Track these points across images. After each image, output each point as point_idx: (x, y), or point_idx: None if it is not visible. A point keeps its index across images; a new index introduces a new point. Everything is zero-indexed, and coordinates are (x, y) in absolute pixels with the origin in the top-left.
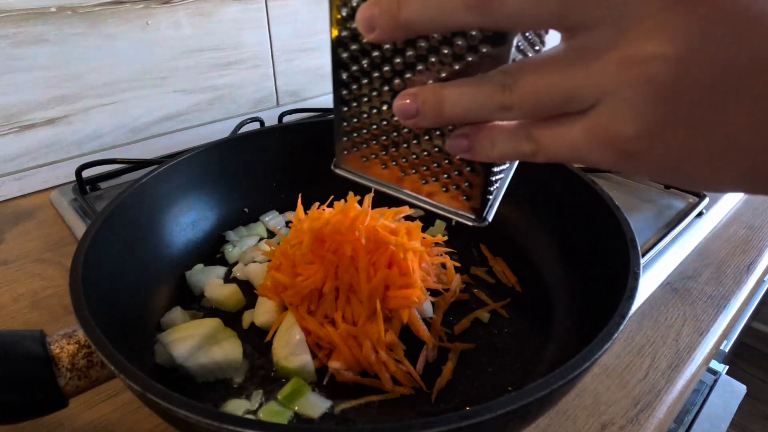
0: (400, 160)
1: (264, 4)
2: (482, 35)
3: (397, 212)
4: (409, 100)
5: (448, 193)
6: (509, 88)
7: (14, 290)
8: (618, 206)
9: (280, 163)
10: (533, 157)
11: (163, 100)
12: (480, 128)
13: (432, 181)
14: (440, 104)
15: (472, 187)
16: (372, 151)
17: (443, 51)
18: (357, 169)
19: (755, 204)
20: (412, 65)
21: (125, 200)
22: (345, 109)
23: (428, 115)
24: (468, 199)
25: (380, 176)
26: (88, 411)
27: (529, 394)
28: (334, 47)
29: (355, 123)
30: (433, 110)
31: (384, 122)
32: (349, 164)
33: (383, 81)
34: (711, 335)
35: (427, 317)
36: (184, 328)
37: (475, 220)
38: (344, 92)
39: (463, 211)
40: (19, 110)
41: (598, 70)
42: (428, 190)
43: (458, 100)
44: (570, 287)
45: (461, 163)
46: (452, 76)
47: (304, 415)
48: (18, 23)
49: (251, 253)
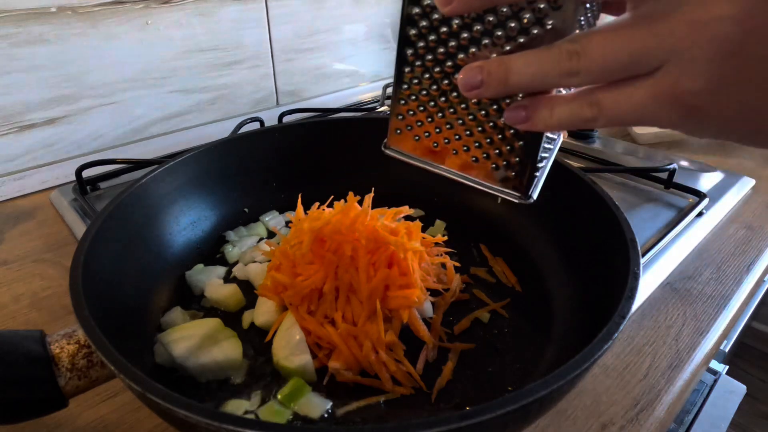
0: (452, 138)
1: (264, 4)
2: (549, 6)
3: (397, 212)
4: (474, 71)
5: (497, 171)
6: (577, 55)
7: (14, 290)
8: (618, 206)
9: (280, 163)
10: (594, 122)
11: (163, 100)
12: (538, 98)
13: (482, 158)
14: (506, 74)
15: (521, 165)
16: (425, 129)
17: (509, 25)
18: (407, 150)
19: (755, 204)
20: (476, 40)
21: (125, 200)
22: (405, 87)
23: (492, 85)
24: (515, 177)
25: (429, 156)
26: (88, 411)
27: (529, 394)
28: (403, 24)
29: (412, 101)
30: (498, 80)
31: (442, 99)
32: (399, 145)
33: (446, 57)
34: (711, 335)
35: (427, 317)
36: (184, 328)
37: (521, 197)
38: (406, 69)
39: (510, 189)
40: (19, 110)
41: (666, 32)
42: (477, 169)
43: (524, 68)
44: (570, 287)
45: (513, 139)
46: (515, 49)
47: (304, 415)
48: (18, 23)
49: (251, 253)
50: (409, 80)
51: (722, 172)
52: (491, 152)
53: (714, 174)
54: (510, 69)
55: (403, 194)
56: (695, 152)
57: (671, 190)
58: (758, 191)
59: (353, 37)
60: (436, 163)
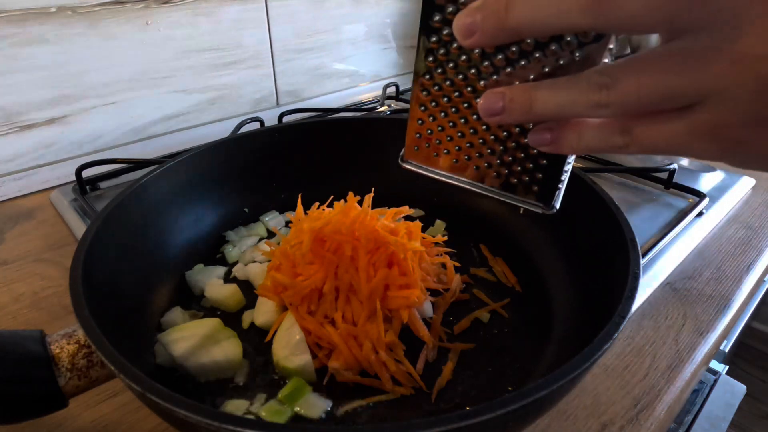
0: (474, 155)
1: (264, 4)
2: (578, 40)
3: (397, 212)
4: (495, 98)
5: (521, 184)
6: (606, 88)
7: (14, 290)
8: (618, 206)
9: (280, 163)
10: (625, 149)
11: (163, 100)
12: (566, 123)
13: (505, 174)
14: (530, 102)
15: (544, 177)
16: (445, 147)
17: (534, 55)
18: (425, 164)
19: (755, 204)
20: (498, 68)
21: (125, 200)
22: (422, 109)
23: (515, 112)
24: (538, 188)
25: (450, 170)
26: (88, 411)
27: (529, 394)
28: (420, 55)
29: (430, 121)
30: (521, 108)
31: (462, 120)
32: (417, 158)
33: (466, 82)
34: (711, 335)
35: (427, 317)
36: (184, 328)
37: (544, 208)
38: (423, 93)
39: (533, 200)
40: (19, 110)
41: (706, 70)
42: (499, 181)
43: (550, 98)
44: (570, 287)
45: (537, 156)
46: (539, 77)
47: (304, 415)
48: (18, 23)
49: (251, 253)
50: (427, 102)
51: (722, 172)
52: (515, 169)
53: (714, 174)
54: (535, 98)
55: (403, 194)
56: None
57: (671, 190)
58: (758, 191)
59: (353, 37)
60: (455, 176)
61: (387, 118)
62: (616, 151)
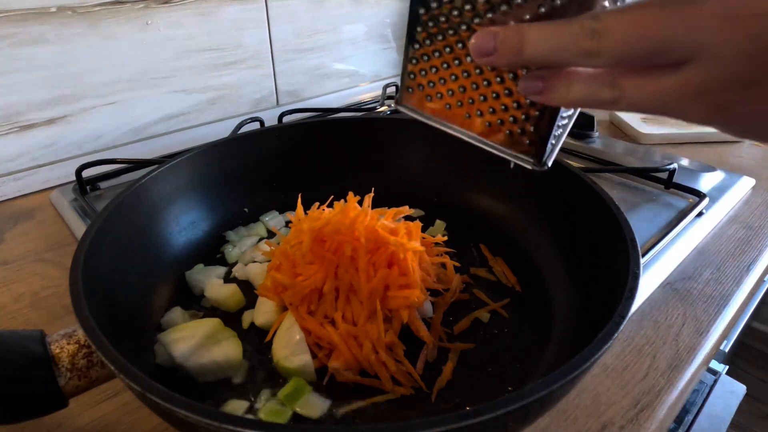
0: (466, 101)
1: (264, 4)
2: None
3: (397, 212)
4: (487, 37)
5: (512, 136)
6: (598, 35)
7: (14, 290)
8: (618, 206)
9: (280, 163)
10: (613, 105)
11: (163, 100)
12: (558, 71)
13: (496, 123)
14: (520, 44)
15: (537, 131)
16: (438, 90)
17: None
18: (420, 108)
19: (755, 204)
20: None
21: (125, 200)
22: (416, 47)
23: (505, 54)
24: (530, 143)
25: (442, 116)
26: (88, 411)
27: (529, 394)
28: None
29: (425, 61)
30: (511, 49)
31: (456, 62)
32: (412, 102)
33: (461, 20)
34: (711, 335)
35: (427, 317)
36: (184, 328)
37: (535, 164)
38: (418, 29)
39: (524, 154)
40: (19, 110)
41: (698, 23)
42: (491, 132)
43: (541, 41)
44: (570, 287)
45: (529, 106)
46: (535, 18)
47: (304, 415)
48: (18, 23)
49: (251, 253)
50: (422, 39)
51: (722, 172)
52: (506, 118)
53: (714, 174)
54: (525, 40)
55: (403, 194)
56: (695, 152)
57: (671, 190)
58: (758, 191)
59: (353, 37)
60: (450, 124)
61: (387, 118)
62: (605, 107)
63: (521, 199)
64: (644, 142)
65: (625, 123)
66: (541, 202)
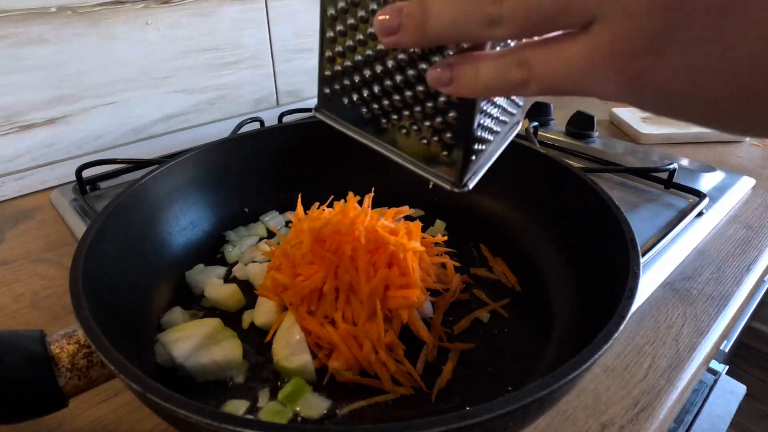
0: (385, 106)
1: (264, 4)
2: None
3: (397, 212)
4: (390, 14)
5: (430, 151)
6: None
7: (14, 290)
8: (618, 206)
9: (280, 163)
10: (524, 88)
11: (163, 100)
12: (465, 55)
13: (414, 136)
14: (424, 16)
15: (454, 143)
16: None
17: None
18: (338, 116)
19: (755, 204)
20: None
21: (125, 200)
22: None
23: (410, 30)
24: (449, 163)
25: (360, 124)
26: (88, 411)
27: (529, 394)
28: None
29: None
30: (415, 24)
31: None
32: (330, 109)
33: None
34: (711, 335)
35: (427, 317)
36: (184, 328)
37: (454, 185)
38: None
39: (443, 173)
40: (19, 110)
41: None
42: (409, 147)
43: (444, 10)
44: (570, 287)
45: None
46: None
47: (304, 415)
48: (18, 23)
49: (251, 253)
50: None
51: (722, 172)
52: (423, 130)
53: (714, 174)
54: (428, 11)
55: (403, 194)
56: (695, 152)
57: (671, 190)
58: (758, 191)
59: None
60: (367, 134)
61: None
62: (518, 91)
63: (521, 199)
64: (644, 142)
65: (625, 123)
66: (541, 202)
